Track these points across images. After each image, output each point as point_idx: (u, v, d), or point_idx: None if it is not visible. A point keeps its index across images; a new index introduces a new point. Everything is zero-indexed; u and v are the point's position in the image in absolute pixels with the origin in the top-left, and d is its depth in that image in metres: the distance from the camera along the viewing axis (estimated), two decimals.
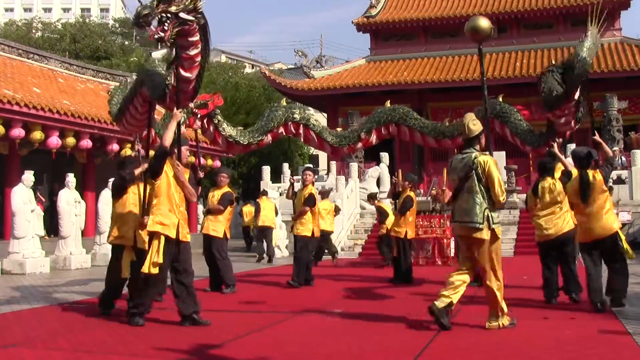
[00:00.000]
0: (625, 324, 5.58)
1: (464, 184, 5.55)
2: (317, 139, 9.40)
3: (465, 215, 5.52)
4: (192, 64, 6.11)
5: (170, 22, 5.62)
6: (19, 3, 69.35)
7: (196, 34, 5.90)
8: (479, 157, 5.54)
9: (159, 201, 5.91)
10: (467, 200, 5.54)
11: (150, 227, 5.83)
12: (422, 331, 5.39)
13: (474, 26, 7.51)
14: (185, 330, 5.70)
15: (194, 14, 5.71)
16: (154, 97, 6.78)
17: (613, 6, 25.29)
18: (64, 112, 14.81)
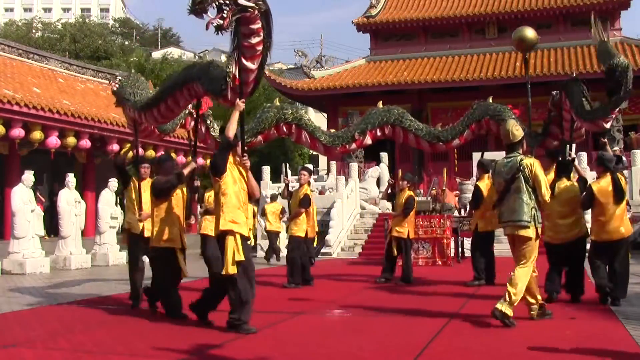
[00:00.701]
0: (625, 324, 5.58)
1: (511, 186, 5.83)
2: (310, 139, 9.25)
3: (514, 214, 5.79)
4: (254, 52, 5.93)
5: (229, 9, 5.45)
6: (19, 3, 69.36)
7: (258, 22, 5.73)
8: (525, 160, 5.84)
9: (227, 199, 5.56)
10: (515, 200, 5.80)
11: (223, 227, 5.51)
12: (422, 331, 5.39)
13: (520, 36, 7.83)
14: (185, 330, 5.70)
15: (255, 1, 5.57)
16: (214, 91, 6.40)
17: (613, 6, 25.31)
18: (64, 112, 14.82)
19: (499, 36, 26.32)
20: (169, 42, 63.70)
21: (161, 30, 66.25)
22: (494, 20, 26.31)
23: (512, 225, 5.82)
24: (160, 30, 65.61)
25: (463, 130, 9.34)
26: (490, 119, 9.11)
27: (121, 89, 7.89)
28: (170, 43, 63.13)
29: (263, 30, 5.82)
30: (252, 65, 5.99)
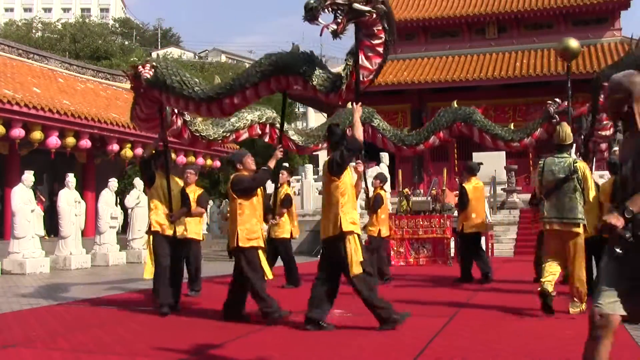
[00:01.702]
0: (625, 324, 5.58)
1: (563, 185, 6.21)
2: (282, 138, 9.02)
3: (569, 212, 6.18)
4: (375, 53, 6.02)
5: (344, 15, 5.53)
6: (19, 3, 69.37)
7: (378, 24, 5.81)
8: (578, 163, 6.34)
9: (346, 200, 5.58)
10: (570, 199, 6.20)
11: (345, 228, 5.47)
12: (422, 331, 5.39)
13: (565, 46, 8.35)
14: (185, 330, 5.71)
15: (372, 5, 5.62)
16: (326, 87, 6.24)
17: (613, 6, 25.31)
18: (64, 112, 14.82)
19: (499, 36, 26.32)
20: (169, 42, 63.74)
21: (161, 30, 66.27)
22: (494, 20, 26.31)
23: (567, 222, 6.18)
24: (160, 30, 65.63)
25: (428, 137, 9.58)
26: (462, 123, 9.42)
27: (160, 76, 6.75)
28: (170, 43, 63.17)
29: (385, 32, 5.93)
30: (371, 65, 6.11)
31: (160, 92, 6.81)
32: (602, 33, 25.59)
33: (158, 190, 6.83)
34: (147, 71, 6.71)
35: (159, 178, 6.90)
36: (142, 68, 6.72)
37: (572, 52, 8.39)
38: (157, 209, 6.76)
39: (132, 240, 15.72)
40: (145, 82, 6.78)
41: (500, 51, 25.54)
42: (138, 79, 6.84)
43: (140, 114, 7.41)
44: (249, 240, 5.97)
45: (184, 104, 6.85)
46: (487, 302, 7.04)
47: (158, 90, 6.79)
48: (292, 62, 6.29)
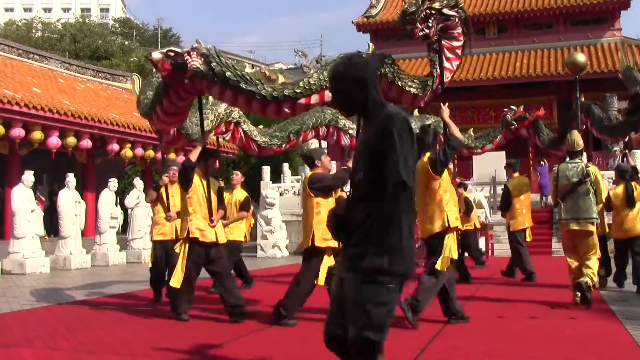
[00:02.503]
0: (625, 324, 5.58)
1: (577, 188, 6.75)
2: (245, 138, 8.88)
3: (585, 212, 6.71)
4: (455, 55, 6.29)
5: (435, 19, 5.77)
6: (19, 3, 69.35)
7: (459, 27, 6.07)
8: (591, 167, 6.89)
9: (448, 197, 5.81)
10: (584, 201, 6.73)
11: (452, 224, 5.75)
12: (422, 331, 5.39)
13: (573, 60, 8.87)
14: (185, 330, 5.70)
15: (457, 9, 5.91)
16: (420, 91, 6.52)
17: (613, 6, 25.31)
18: (64, 112, 14.82)
19: (499, 36, 26.33)
20: (169, 42, 63.62)
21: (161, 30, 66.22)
22: (494, 20, 26.32)
23: (583, 221, 6.72)
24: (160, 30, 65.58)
25: None
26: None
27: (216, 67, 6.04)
28: (170, 43, 63.09)
29: (464, 35, 6.24)
30: (451, 66, 6.39)
31: (210, 85, 6.04)
32: (602, 33, 25.58)
33: (197, 194, 6.24)
34: (195, 59, 5.88)
35: (197, 181, 6.29)
36: (188, 56, 5.80)
37: (579, 65, 8.88)
38: (196, 214, 6.16)
39: (132, 240, 15.72)
40: (192, 72, 5.89)
41: (500, 51, 25.55)
42: (179, 68, 5.87)
43: (169, 108, 6.42)
44: (325, 241, 5.83)
45: (244, 100, 6.21)
46: (487, 303, 7.04)
47: (208, 82, 6.01)
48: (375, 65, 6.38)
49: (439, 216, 5.71)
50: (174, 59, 5.83)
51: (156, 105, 6.45)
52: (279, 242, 17.29)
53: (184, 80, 5.94)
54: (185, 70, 5.82)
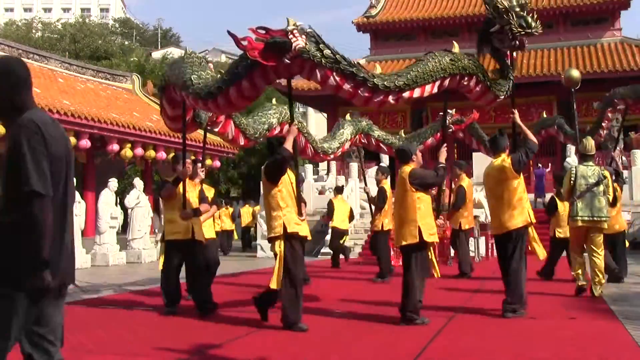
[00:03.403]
0: (625, 324, 5.58)
1: (594, 188, 7.31)
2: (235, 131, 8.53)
3: (599, 211, 7.30)
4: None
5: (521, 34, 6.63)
6: (19, 3, 69.37)
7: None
8: (604, 171, 7.53)
9: (525, 195, 6.33)
10: (599, 200, 7.30)
11: (521, 223, 6.18)
12: (422, 331, 5.39)
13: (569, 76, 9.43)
14: (185, 330, 5.71)
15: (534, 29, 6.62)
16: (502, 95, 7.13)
17: (613, 6, 25.31)
18: (64, 112, 14.81)
19: None
20: (169, 42, 63.70)
21: (161, 30, 66.28)
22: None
23: (597, 220, 7.29)
24: (160, 30, 65.64)
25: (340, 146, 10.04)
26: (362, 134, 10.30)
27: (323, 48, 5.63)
28: (170, 43, 63.13)
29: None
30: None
31: (314, 67, 5.58)
32: (602, 33, 25.58)
33: (287, 187, 5.83)
34: (299, 39, 5.39)
35: (286, 173, 5.87)
36: (292, 34, 5.33)
37: (574, 81, 9.40)
38: (289, 207, 5.74)
39: (132, 240, 15.72)
40: (297, 52, 5.39)
41: None
42: (275, 47, 5.35)
43: (248, 91, 5.82)
44: (430, 235, 5.89)
45: (351, 87, 5.85)
46: (487, 302, 7.04)
47: (313, 64, 5.56)
48: (476, 65, 6.73)
49: (520, 212, 6.18)
50: (268, 37, 5.37)
51: (228, 87, 5.78)
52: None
53: (280, 60, 5.43)
54: (282, 50, 5.36)
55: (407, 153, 6.13)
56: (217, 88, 5.81)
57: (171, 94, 6.90)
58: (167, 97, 7.13)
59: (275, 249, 5.64)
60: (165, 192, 6.80)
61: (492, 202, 6.46)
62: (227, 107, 6.15)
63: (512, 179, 6.18)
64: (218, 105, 6.01)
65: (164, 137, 18.18)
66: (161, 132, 18.06)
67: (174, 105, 7.19)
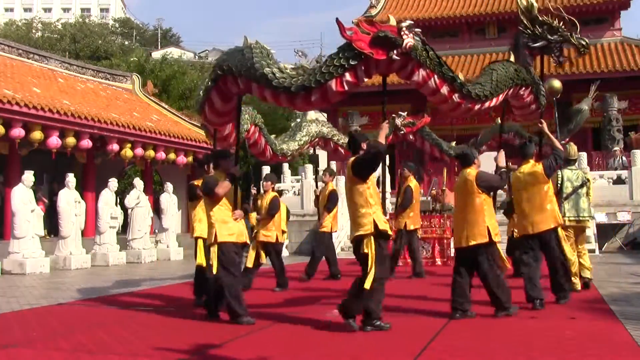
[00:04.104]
0: (625, 324, 5.58)
1: (579, 190, 7.94)
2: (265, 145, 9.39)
3: (585, 211, 7.94)
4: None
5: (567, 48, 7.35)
6: (19, 3, 69.36)
7: None
8: (587, 174, 8.30)
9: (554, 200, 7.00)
10: (584, 202, 7.94)
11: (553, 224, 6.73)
12: (422, 331, 5.39)
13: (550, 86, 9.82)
14: (185, 330, 5.71)
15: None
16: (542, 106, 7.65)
17: (613, 6, 25.31)
18: (64, 112, 14.81)
19: (499, 36, 26.30)
20: (169, 42, 63.71)
21: (161, 30, 66.26)
22: (494, 20, 26.31)
23: (582, 219, 7.93)
24: (160, 30, 65.63)
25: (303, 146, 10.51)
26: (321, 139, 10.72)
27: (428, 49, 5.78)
28: (170, 43, 63.15)
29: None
30: None
31: (418, 66, 5.64)
32: (602, 33, 25.58)
33: (374, 184, 5.77)
34: (410, 36, 5.40)
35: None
36: (404, 32, 5.32)
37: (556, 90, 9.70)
38: (377, 205, 5.64)
39: (132, 240, 15.72)
40: (407, 50, 5.41)
41: (500, 51, 25.50)
42: (382, 42, 5.30)
43: (351, 87, 5.63)
44: (496, 235, 6.23)
45: (449, 90, 5.97)
46: (487, 302, 7.03)
47: (417, 64, 5.62)
48: (532, 77, 7.21)
49: (550, 214, 6.76)
50: (376, 30, 5.34)
51: (328, 80, 5.54)
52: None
53: (388, 55, 5.37)
54: (392, 45, 5.32)
55: (470, 157, 6.43)
56: (315, 82, 5.53)
57: (228, 85, 6.31)
58: (221, 90, 6.49)
59: (364, 249, 5.48)
60: (222, 190, 6.08)
61: (523, 205, 6.90)
62: (320, 102, 5.86)
63: (543, 183, 6.79)
64: (309, 99, 5.69)
65: (164, 137, 18.19)
66: (161, 132, 18.06)
67: (228, 98, 6.61)
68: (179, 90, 31.66)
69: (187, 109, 25.70)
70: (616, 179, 17.79)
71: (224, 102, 6.61)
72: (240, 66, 5.88)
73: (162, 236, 17.06)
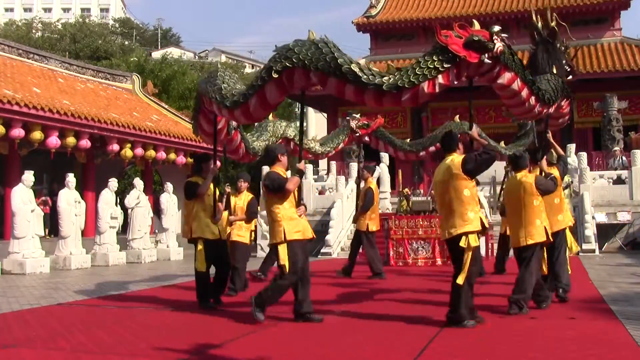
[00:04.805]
0: (625, 324, 5.58)
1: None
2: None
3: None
4: None
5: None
6: (19, 3, 69.38)
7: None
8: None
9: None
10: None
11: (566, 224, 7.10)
12: (422, 331, 5.39)
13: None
14: (185, 330, 5.71)
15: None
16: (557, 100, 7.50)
17: (613, 6, 25.31)
18: (64, 112, 14.81)
19: None
20: (169, 42, 63.74)
21: (161, 30, 66.27)
22: (494, 20, 26.26)
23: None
24: (160, 30, 65.63)
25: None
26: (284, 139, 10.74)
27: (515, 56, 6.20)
28: (170, 43, 63.17)
29: None
30: None
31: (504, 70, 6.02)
32: (602, 33, 25.58)
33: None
34: (500, 42, 5.71)
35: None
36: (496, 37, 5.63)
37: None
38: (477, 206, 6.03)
39: (132, 240, 15.72)
40: (497, 54, 5.71)
41: None
42: (475, 47, 5.56)
43: (443, 88, 5.81)
44: (551, 234, 6.61)
45: (528, 93, 6.46)
46: (487, 302, 7.04)
47: (503, 68, 5.96)
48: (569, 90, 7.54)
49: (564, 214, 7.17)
50: (468, 34, 5.61)
51: (424, 81, 5.66)
52: None
53: (478, 59, 5.61)
54: (484, 49, 5.61)
55: (524, 160, 6.65)
56: (409, 82, 5.65)
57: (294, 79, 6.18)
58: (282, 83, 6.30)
59: (472, 243, 5.54)
60: (293, 185, 5.99)
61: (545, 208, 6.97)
62: (408, 102, 5.95)
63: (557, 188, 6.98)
64: (398, 98, 5.80)
65: (164, 137, 18.19)
66: (161, 132, 18.07)
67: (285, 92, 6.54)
68: (179, 90, 31.65)
69: (187, 109, 25.66)
70: (616, 179, 17.78)
71: (279, 95, 6.32)
72: (315, 60, 5.79)
73: (162, 236, 17.07)
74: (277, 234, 5.93)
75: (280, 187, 5.87)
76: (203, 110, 7.41)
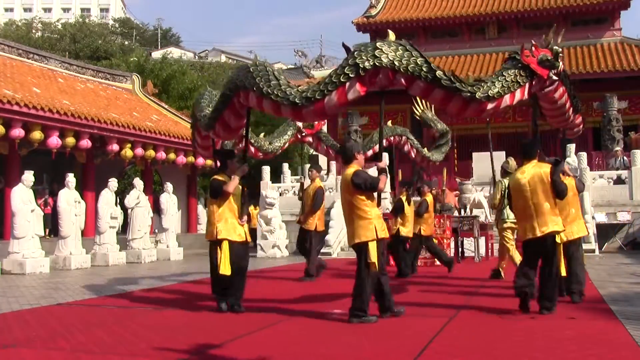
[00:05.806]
0: (625, 324, 5.58)
1: None
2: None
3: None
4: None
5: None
6: (19, 3, 69.43)
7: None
8: None
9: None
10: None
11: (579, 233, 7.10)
12: (422, 331, 5.39)
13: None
14: (185, 330, 5.70)
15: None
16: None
17: (613, 6, 25.32)
18: (64, 112, 14.82)
19: (499, 36, 26.33)
20: (169, 42, 63.76)
21: (161, 30, 66.30)
22: (494, 20, 26.32)
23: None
24: (160, 30, 65.66)
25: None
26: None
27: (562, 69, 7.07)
28: (170, 43, 63.20)
29: None
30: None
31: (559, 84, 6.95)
32: (602, 33, 25.59)
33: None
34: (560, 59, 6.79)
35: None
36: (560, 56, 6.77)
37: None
38: None
39: (132, 240, 15.72)
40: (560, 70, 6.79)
41: (500, 51, 25.53)
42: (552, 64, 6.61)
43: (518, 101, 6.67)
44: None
45: (569, 105, 7.50)
46: (487, 303, 7.04)
47: (558, 81, 6.86)
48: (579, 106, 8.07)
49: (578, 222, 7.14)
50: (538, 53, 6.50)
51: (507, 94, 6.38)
52: (278, 242, 17.29)
53: (547, 75, 6.52)
54: (552, 67, 6.55)
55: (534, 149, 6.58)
56: (497, 93, 6.31)
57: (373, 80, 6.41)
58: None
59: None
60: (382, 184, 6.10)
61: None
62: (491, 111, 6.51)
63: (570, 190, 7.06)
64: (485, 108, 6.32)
65: (164, 137, 18.20)
66: (161, 132, 18.07)
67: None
68: (179, 90, 31.65)
69: (187, 109, 25.67)
70: (616, 179, 17.78)
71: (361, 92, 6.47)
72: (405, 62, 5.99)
73: (162, 236, 17.07)
74: (368, 232, 5.93)
75: (374, 185, 5.91)
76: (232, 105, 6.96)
